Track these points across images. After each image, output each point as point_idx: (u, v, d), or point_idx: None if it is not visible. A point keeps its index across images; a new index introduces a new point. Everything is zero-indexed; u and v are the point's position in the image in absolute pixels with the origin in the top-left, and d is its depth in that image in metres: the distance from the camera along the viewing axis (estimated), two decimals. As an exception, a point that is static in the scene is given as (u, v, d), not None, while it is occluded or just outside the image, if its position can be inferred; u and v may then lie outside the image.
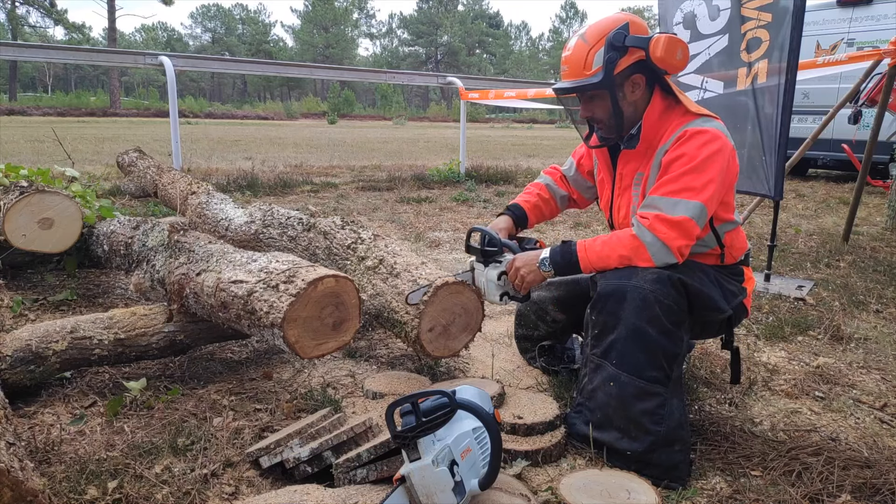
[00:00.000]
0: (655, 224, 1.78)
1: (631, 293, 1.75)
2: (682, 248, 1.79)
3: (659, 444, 1.71)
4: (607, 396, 1.78)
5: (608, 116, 1.93)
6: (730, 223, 1.97)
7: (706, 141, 1.80)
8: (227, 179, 7.21)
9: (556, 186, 2.37)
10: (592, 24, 1.89)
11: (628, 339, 1.75)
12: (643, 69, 1.88)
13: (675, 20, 3.91)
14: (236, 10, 75.10)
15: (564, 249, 1.92)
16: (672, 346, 1.76)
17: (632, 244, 1.81)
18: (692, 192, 1.78)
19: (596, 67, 1.85)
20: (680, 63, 1.85)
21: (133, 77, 68.21)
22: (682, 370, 2.00)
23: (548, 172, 2.42)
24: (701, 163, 1.79)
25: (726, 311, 1.90)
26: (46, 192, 3.02)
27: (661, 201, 1.81)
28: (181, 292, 2.24)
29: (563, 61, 1.93)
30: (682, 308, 1.78)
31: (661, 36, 1.81)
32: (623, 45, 1.83)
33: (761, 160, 3.53)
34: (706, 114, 1.89)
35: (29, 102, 35.54)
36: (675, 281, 1.77)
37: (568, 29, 77.56)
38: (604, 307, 1.80)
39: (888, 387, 2.41)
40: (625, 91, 1.90)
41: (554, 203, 2.36)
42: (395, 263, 2.29)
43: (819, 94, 8.78)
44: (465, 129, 9.13)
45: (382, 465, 1.59)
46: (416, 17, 74.80)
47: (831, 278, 3.88)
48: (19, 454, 1.40)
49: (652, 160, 1.92)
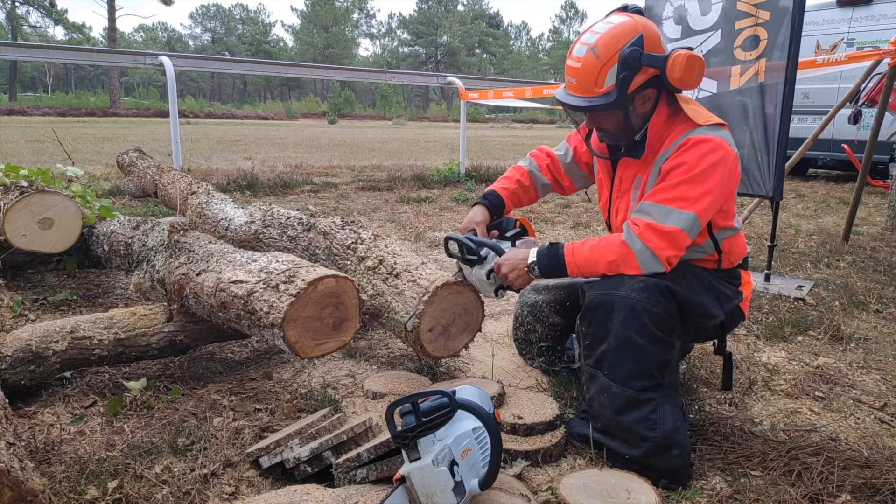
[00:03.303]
0: (645, 233, 1.75)
1: (619, 304, 1.73)
2: (671, 258, 1.76)
3: (656, 450, 1.70)
4: (601, 406, 1.78)
5: (617, 129, 1.87)
6: (729, 230, 1.94)
7: (708, 151, 1.75)
8: (227, 179, 7.21)
9: (539, 174, 2.29)
10: (603, 34, 1.76)
11: (618, 349, 1.74)
12: (656, 84, 1.81)
13: (665, 14, 3.79)
14: (236, 10, 75.16)
15: (552, 253, 1.87)
16: (663, 354, 1.74)
17: (620, 251, 1.78)
18: (686, 203, 1.74)
19: (608, 86, 1.76)
20: (696, 81, 1.79)
21: (133, 77, 68.22)
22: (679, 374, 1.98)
23: (534, 156, 2.32)
24: (700, 173, 1.75)
25: (718, 317, 1.87)
26: (46, 192, 3.02)
27: (654, 208, 1.77)
28: (181, 292, 2.24)
29: (572, 72, 1.82)
30: (672, 314, 1.76)
31: (679, 55, 1.74)
32: (638, 64, 1.74)
33: (758, 161, 3.52)
34: (713, 122, 1.83)
35: (29, 102, 35.53)
36: (664, 288, 1.74)
37: (568, 29, 77.62)
38: (593, 318, 1.79)
39: (888, 387, 2.41)
40: (635, 105, 1.83)
41: (534, 191, 2.30)
42: (395, 263, 2.29)
43: (819, 94, 8.78)
44: (465, 129, 9.12)
45: (382, 465, 1.59)
46: (416, 17, 74.79)
47: (831, 278, 3.88)
48: (19, 454, 1.40)
49: (652, 165, 1.88)
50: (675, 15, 3.77)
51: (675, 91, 1.84)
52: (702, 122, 1.81)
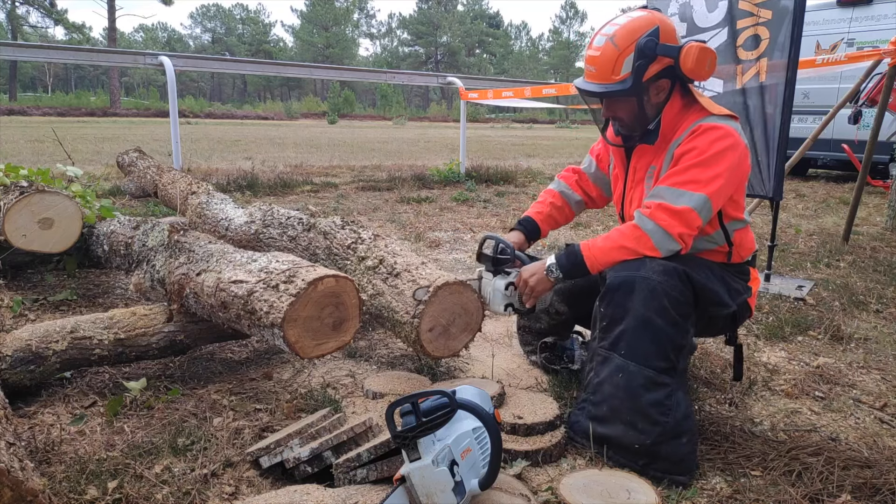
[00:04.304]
0: (656, 213, 1.82)
1: (639, 284, 1.77)
2: (684, 235, 1.82)
3: (667, 436, 1.71)
4: (614, 388, 1.78)
5: (631, 118, 1.95)
6: (739, 221, 2.00)
7: (718, 136, 1.82)
8: (227, 179, 7.21)
9: (570, 192, 2.38)
10: (622, 26, 1.86)
11: (637, 329, 1.77)
12: (670, 75, 1.88)
13: (671, 11, 3.78)
14: (236, 10, 75.15)
15: (569, 252, 1.95)
16: (679, 338, 1.78)
17: (633, 234, 1.85)
18: (697, 185, 1.81)
19: (625, 73, 1.85)
20: (709, 72, 1.86)
21: (133, 77, 68.22)
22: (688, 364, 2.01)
23: (563, 176, 2.43)
24: (710, 157, 1.81)
25: (730, 307, 1.91)
26: (46, 192, 3.02)
27: (666, 191, 1.84)
28: (181, 292, 2.24)
29: (590, 61, 1.91)
30: (689, 301, 1.80)
31: (693, 46, 1.82)
32: (654, 54, 1.83)
33: (758, 161, 3.52)
34: (725, 113, 1.91)
35: (29, 102, 35.52)
36: (682, 273, 1.79)
37: (568, 29, 77.53)
38: (612, 299, 1.82)
39: (888, 387, 2.41)
40: (650, 94, 1.91)
41: (568, 209, 2.38)
42: (395, 263, 2.29)
43: (819, 94, 8.77)
44: (465, 129, 9.12)
45: (382, 465, 1.59)
46: (416, 17, 74.77)
47: (831, 278, 3.88)
48: (19, 454, 1.40)
49: (665, 153, 1.94)
50: (680, 12, 3.75)
51: (689, 82, 1.91)
52: (715, 112, 1.89)
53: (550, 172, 10.51)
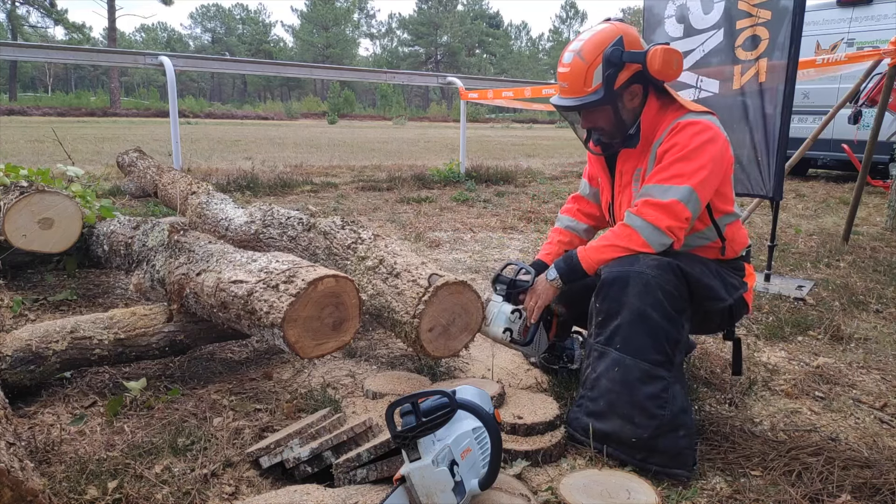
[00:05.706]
0: (643, 209, 1.88)
1: (634, 279, 1.80)
2: (673, 228, 1.85)
3: (664, 430, 1.72)
4: (611, 382, 1.80)
5: (611, 126, 2.00)
6: (730, 215, 2.02)
7: (698, 131, 1.88)
8: (227, 179, 7.21)
9: (575, 223, 2.41)
10: (586, 41, 1.93)
11: (632, 322, 1.79)
12: (641, 79, 1.94)
13: (668, 13, 3.79)
14: (236, 10, 75.12)
15: (567, 257, 2.03)
16: (674, 332, 1.80)
17: (623, 232, 1.90)
18: (682, 178, 1.86)
19: (596, 84, 1.91)
20: (676, 72, 1.92)
21: (133, 77, 68.20)
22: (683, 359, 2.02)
23: (565, 210, 2.47)
24: (692, 150, 1.86)
25: (726, 300, 1.94)
26: (46, 192, 3.02)
27: (653, 188, 1.89)
28: (181, 292, 2.24)
29: (562, 77, 1.98)
30: (684, 296, 1.83)
31: (657, 49, 1.88)
32: (620, 62, 1.89)
33: (758, 161, 3.52)
34: (701, 109, 1.96)
35: (29, 102, 35.51)
36: (676, 268, 1.82)
37: (568, 29, 77.58)
38: (608, 293, 1.85)
39: (888, 387, 2.41)
40: (624, 101, 1.97)
41: (578, 240, 2.40)
42: (395, 263, 2.29)
43: (819, 94, 8.77)
44: (465, 129, 9.12)
45: (382, 465, 1.59)
46: (416, 17, 74.77)
47: (831, 278, 3.88)
48: (19, 454, 1.40)
49: (649, 154, 1.99)
50: (677, 13, 3.76)
51: (660, 83, 1.96)
52: (693, 109, 1.95)
53: (550, 172, 10.52)
